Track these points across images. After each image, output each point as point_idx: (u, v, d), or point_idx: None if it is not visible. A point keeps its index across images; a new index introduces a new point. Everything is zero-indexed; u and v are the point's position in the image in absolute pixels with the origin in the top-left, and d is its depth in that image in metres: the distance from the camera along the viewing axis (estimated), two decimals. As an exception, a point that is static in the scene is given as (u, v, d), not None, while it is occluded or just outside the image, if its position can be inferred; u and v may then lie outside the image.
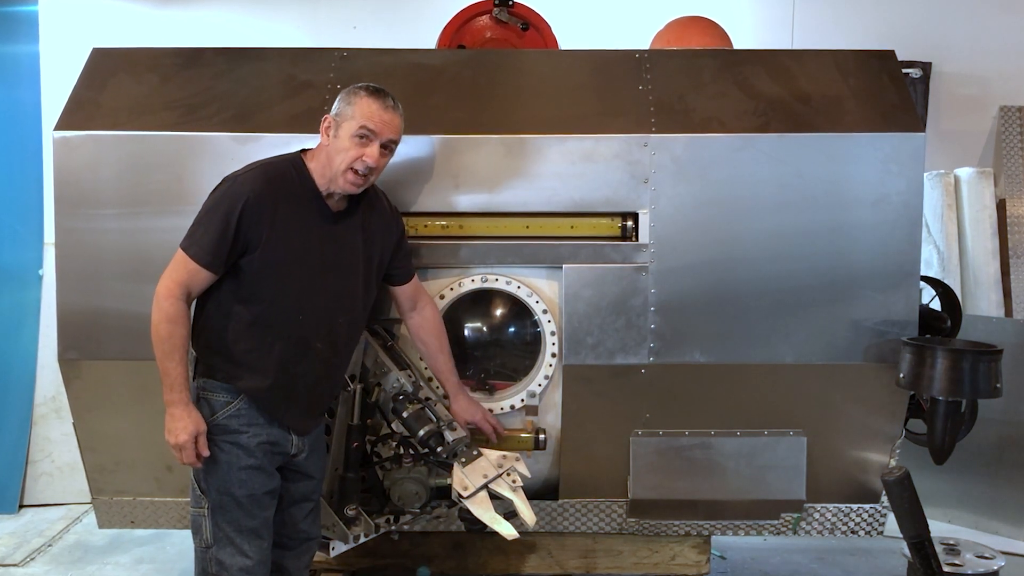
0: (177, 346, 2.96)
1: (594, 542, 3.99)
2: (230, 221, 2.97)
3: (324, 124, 3.15)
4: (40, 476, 5.73)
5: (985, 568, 3.63)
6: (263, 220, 3.01)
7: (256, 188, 3.02)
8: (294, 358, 3.13)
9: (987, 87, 5.99)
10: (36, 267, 5.75)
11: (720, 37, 4.84)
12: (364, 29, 5.94)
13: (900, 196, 3.58)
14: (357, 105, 3.11)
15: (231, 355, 3.07)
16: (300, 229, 3.09)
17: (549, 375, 3.72)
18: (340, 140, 3.10)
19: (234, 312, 3.07)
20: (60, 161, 3.62)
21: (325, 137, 3.15)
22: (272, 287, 3.06)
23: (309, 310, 3.13)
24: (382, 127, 3.12)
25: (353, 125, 3.10)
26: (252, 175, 3.06)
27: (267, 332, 3.08)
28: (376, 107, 3.12)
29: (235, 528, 3.08)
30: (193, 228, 3.03)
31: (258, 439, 3.09)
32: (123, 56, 3.87)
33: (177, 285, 2.98)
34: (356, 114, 3.10)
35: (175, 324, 2.96)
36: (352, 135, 3.10)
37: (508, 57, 4.19)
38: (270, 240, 3.02)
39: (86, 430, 3.77)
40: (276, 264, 3.05)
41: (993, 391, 3.44)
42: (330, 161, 3.11)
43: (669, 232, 3.61)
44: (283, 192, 3.07)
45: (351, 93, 3.14)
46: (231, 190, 3.02)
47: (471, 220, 3.67)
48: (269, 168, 3.11)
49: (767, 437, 3.73)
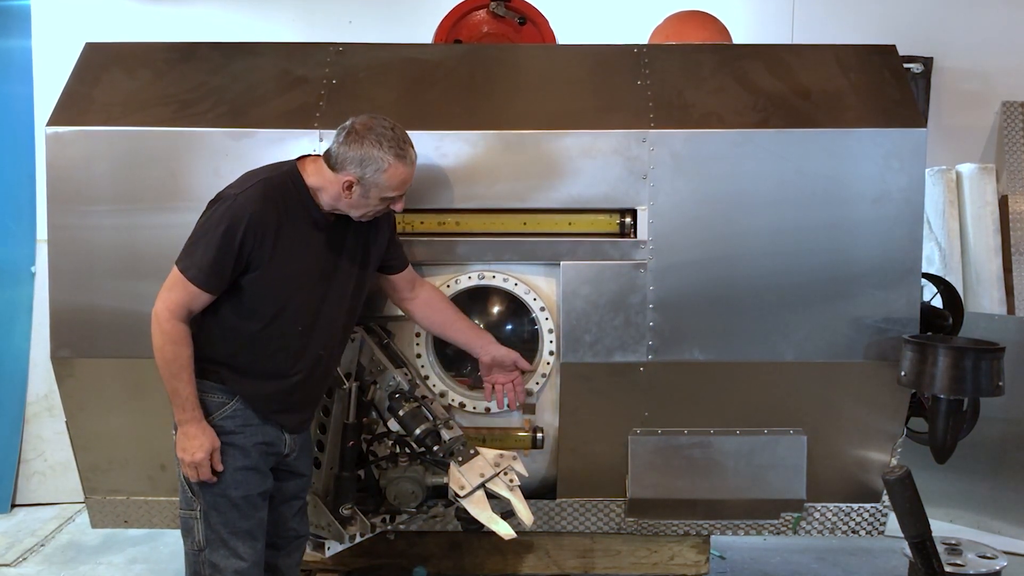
0: (184, 366, 2.93)
1: (592, 542, 3.98)
2: (232, 242, 2.91)
3: (345, 185, 3.03)
4: (32, 475, 5.71)
5: (987, 568, 3.61)
6: (266, 240, 2.97)
7: (258, 208, 2.95)
8: (294, 365, 3.12)
9: (989, 82, 5.97)
10: (28, 264, 5.72)
11: (719, 32, 4.83)
12: (360, 24, 5.91)
13: (901, 192, 3.57)
14: (388, 174, 3.03)
15: (229, 364, 3.06)
16: (300, 244, 3.06)
17: (547, 373, 3.70)
18: (369, 201, 3.07)
19: (234, 327, 3.04)
20: (53, 157, 3.60)
21: (347, 194, 3.04)
22: (274, 304, 3.04)
23: (310, 321, 3.11)
24: (407, 184, 3.13)
25: (386, 193, 3.07)
26: (252, 194, 2.98)
27: (268, 344, 3.07)
28: (407, 174, 3.09)
29: (229, 530, 3.06)
30: (190, 248, 2.95)
31: (254, 440, 3.08)
32: (116, 51, 3.85)
33: (177, 306, 2.93)
34: (390, 185, 3.05)
35: (179, 345, 2.93)
36: (382, 200, 3.08)
37: (505, 52, 4.18)
38: (273, 259, 2.99)
39: (79, 429, 3.75)
40: (278, 281, 3.02)
41: (995, 389, 3.43)
42: (349, 207, 3.09)
43: (668, 229, 3.59)
44: (283, 209, 3.02)
45: (379, 160, 3.01)
46: (232, 210, 2.94)
47: (468, 216, 3.65)
48: (268, 186, 3.02)
49: (767, 436, 3.71)
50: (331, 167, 3.05)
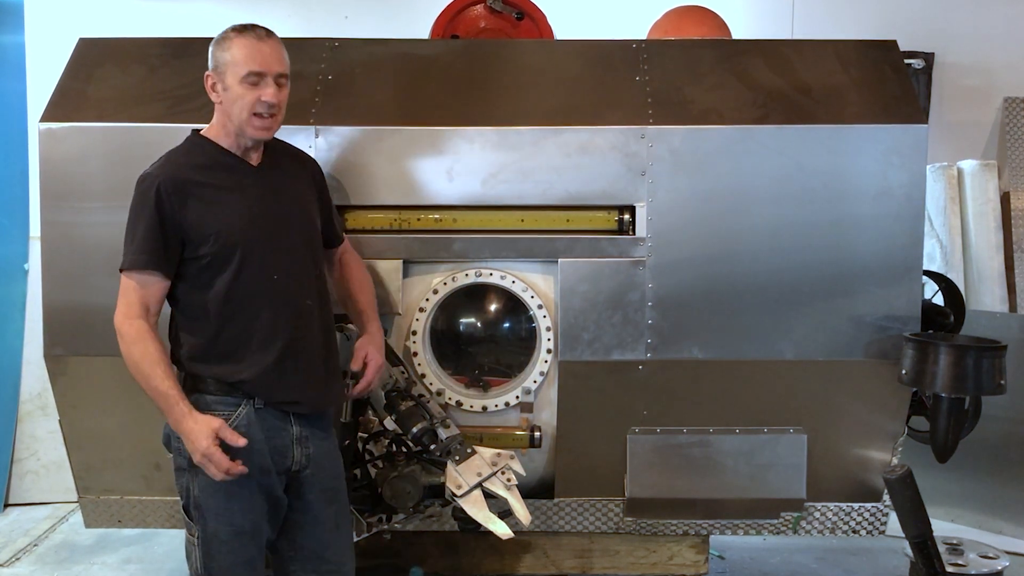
0: (156, 361, 2.80)
1: (590, 542, 3.97)
2: (152, 212, 2.82)
3: (208, 83, 2.98)
4: (25, 474, 5.68)
5: (989, 568, 3.60)
6: (187, 197, 2.86)
7: (164, 172, 2.88)
8: (287, 321, 2.96)
9: (991, 78, 5.94)
10: (21, 261, 5.68)
11: (719, 27, 4.83)
12: (356, 19, 5.87)
13: (902, 189, 3.56)
14: (232, 50, 2.94)
15: (220, 352, 2.90)
16: (228, 190, 2.94)
17: (544, 372, 3.68)
18: (231, 91, 2.94)
19: (202, 303, 2.89)
20: (46, 153, 3.59)
21: (215, 95, 2.98)
22: (228, 255, 2.89)
23: (278, 265, 2.96)
24: (266, 63, 2.96)
25: (238, 72, 2.93)
26: (154, 165, 2.93)
27: (247, 305, 2.91)
28: (253, 45, 2.95)
29: (228, 563, 2.93)
30: (124, 249, 2.90)
31: (257, 463, 2.90)
32: (110, 46, 3.83)
33: (129, 306, 2.84)
34: (236, 59, 2.93)
35: (143, 341, 2.81)
36: (240, 82, 2.94)
37: (503, 47, 4.19)
38: (202, 213, 2.87)
39: (72, 427, 3.73)
40: (220, 233, 2.87)
41: (997, 388, 3.42)
42: (230, 115, 2.96)
43: (667, 226, 3.57)
44: (193, 165, 2.93)
45: (221, 40, 2.96)
46: (140, 188, 2.89)
47: (465, 213, 3.64)
48: (171, 154, 2.98)
49: (767, 435, 3.70)
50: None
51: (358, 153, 3.59)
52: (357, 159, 3.59)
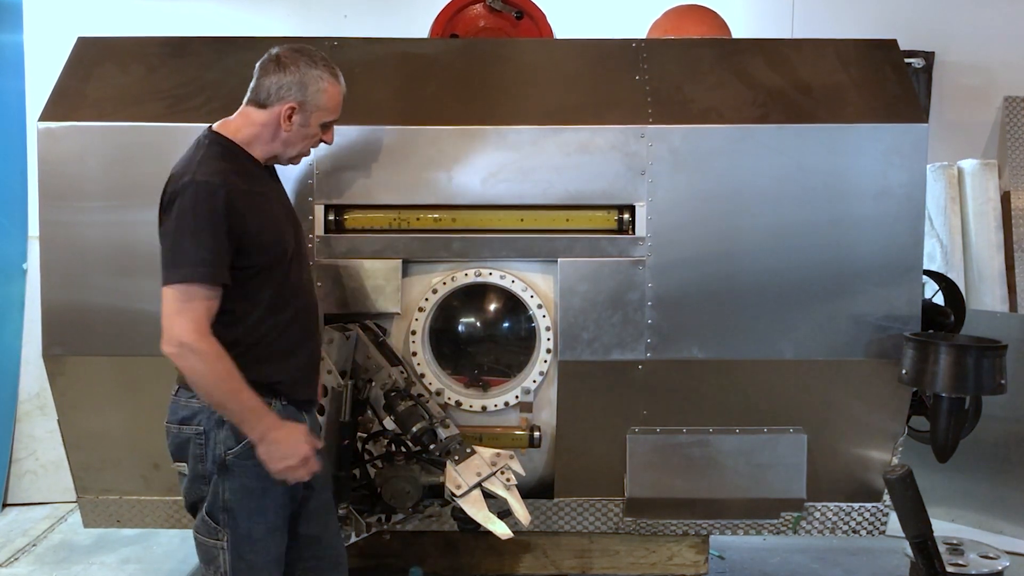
0: (235, 376, 2.65)
1: (590, 542, 3.97)
2: (220, 223, 2.68)
3: (287, 112, 2.89)
4: (24, 474, 5.67)
5: (989, 568, 3.59)
6: (248, 207, 2.77)
7: (225, 181, 2.73)
8: (312, 323, 2.99)
9: (991, 77, 5.95)
10: (20, 261, 5.68)
11: (719, 26, 4.83)
12: (355, 18, 5.86)
13: (902, 188, 3.56)
14: (328, 93, 2.94)
15: (257, 356, 2.80)
16: (264, 198, 2.90)
17: (544, 371, 3.67)
18: (309, 129, 2.95)
19: (243, 311, 2.79)
20: (44, 152, 3.58)
21: (287, 124, 2.91)
22: (278, 263, 2.84)
23: (302, 270, 2.98)
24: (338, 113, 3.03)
25: (324, 117, 2.96)
26: (210, 167, 2.76)
27: (285, 310, 2.86)
28: (340, 94, 2.99)
29: (261, 561, 2.88)
30: (177, 253, 2.67)
31: None
32: (109, 45, 3.82)
33: (198, 322, 2.63)
34: (328, 107, 2.96)
35: (225, 358, 2.64)
36: (321, 124, 2.98)
37: (502, 47, 4.18)
38: (261, 222, 2.80)
39: (71, 427, 3.72)
40: (276, 242, 2.84)
41: (997, 387, 3.42)
42: (288, 142, 2.94)
43: (666, 225, 3.57)
44: (238, 172, 2.83)
45: (316, 79, 2.91)
46: (200, 196, 2.69)
47: (464, 213, 3.63)
48: (215, 154, 2.82)
49: (767, 434, 3.70)
50: (263, 105, 2.90)
51: (357, 152, 3.58)
52: (356, 158, 3.58)
